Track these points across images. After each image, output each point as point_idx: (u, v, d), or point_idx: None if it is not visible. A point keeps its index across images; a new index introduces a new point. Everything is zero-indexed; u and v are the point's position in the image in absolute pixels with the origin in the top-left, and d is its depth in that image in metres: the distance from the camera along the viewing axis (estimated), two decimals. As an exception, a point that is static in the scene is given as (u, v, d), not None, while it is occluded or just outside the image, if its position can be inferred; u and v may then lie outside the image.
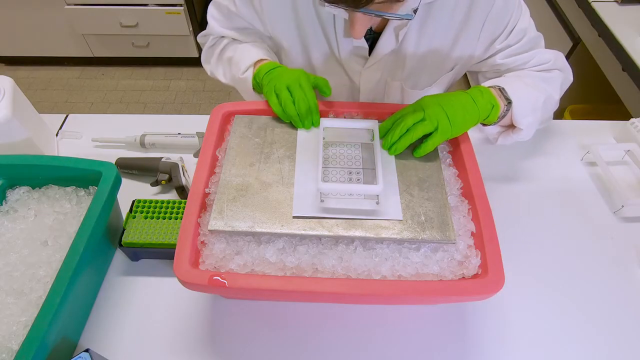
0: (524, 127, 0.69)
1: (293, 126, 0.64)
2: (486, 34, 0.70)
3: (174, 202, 0.67)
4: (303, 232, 0.52)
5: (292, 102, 0.62)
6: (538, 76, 0.73)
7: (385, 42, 0.70)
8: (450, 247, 0.53)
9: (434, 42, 0.71)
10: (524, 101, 0.67)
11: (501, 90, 0.67)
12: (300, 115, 0.63)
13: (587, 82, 1.45)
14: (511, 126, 0.71)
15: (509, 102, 0.66)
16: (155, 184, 0.74)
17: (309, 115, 0.63)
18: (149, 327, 0.61)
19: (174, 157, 0.77)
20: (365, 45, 0.71)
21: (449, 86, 0.82)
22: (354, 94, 0.83)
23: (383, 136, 0.62)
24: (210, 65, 0.83)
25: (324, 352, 0.59)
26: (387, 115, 0.68)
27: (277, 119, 0.65)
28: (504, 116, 0.67)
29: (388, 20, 0.66)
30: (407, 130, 0.59)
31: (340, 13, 0.63)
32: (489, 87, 0.67)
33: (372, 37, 0.72)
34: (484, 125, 0.71)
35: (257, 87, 0.72)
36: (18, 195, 0.65)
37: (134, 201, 0.67)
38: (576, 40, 1.32)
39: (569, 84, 0.80)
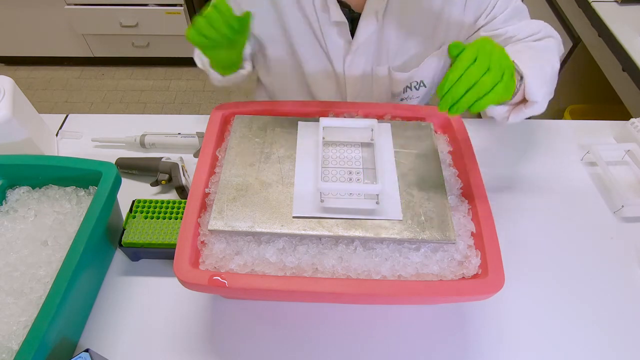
0: (540, 99, 0.63)
1: (293, 126, 0.64)
2: (471, 5, 0.70)
3: (174, 202, 0.67)
4: (303, 232, 0.52)
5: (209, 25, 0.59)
6: (537, 47, 0.71)
7: (366, 24, 0.70)
8: (450, 247, 0.53)
9: (418, 18, 0.71)
10: (536, 73, 0.62)
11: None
12: (222, 35, 0.60)
13: (587, 82, 1.45)
14: (522, 101, 0.65)
15: (521, 77, 0.61)
16: (155, 184, 0.74)
17: (231, 33, 0.60)
18: (149, 327, 0.61)
19: (174, 157, 0.77)
20: (344, 19, 0.70)
21: (441, 71, 0.82)
22: (340, 88, 0.82)
23: (443, 94, 0.49)
24: (194, 54, 0.81)
25: (324, 352, 0.59)
26: (386, 115, 0.68)
27: (277, 119, 0.65)
28: (516, 92, 0.61)
29: None
30: (474, 84, 0.49)
31: None
32: None
33: (351, 17, 0.72)
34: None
35: None
36: (18, 195, 0.65)
37: (134, 201, 0.67)
38: (576, 40, 1.32)
39: (561, 52, 0.78)
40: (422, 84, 0.84)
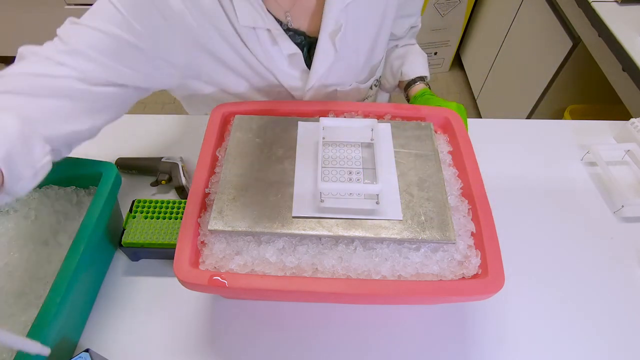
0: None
1: (293, 126, 0.64)
2: None
3: (174, 202, 0.67)
4: (303, 232, 0.52)
5: None
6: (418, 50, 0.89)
7: (323, 53, 0.69)
8: (450, 247, 0.53)
9: (369, 28, 0.72)
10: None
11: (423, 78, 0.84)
12: None
13: (587, 82, 1.45)
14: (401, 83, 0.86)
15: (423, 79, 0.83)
16: (155, 184, 0.74)
17: None
18: (149, 327, 0.61)
19: (174, 157, 0.77)
20: (298, 51, 0.68)
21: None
22: None
23: None
24: None
25: (324, 352, 0.59)
26: (386, 115, 0.68)
27: (277, 119, 0.65)
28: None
29: (320, 21, 0.66)
30: None
31: (261, 22, 0.62)
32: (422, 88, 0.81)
33: (307, 43, 0.70)
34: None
35: None
36: (18, 195, 0.65)
37: (134, 201, 0.67)
38: (576, 40, 1.32)
39: None
40: (379, 79, 0.88)
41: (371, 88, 0.85)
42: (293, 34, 0.68)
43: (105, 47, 0.55)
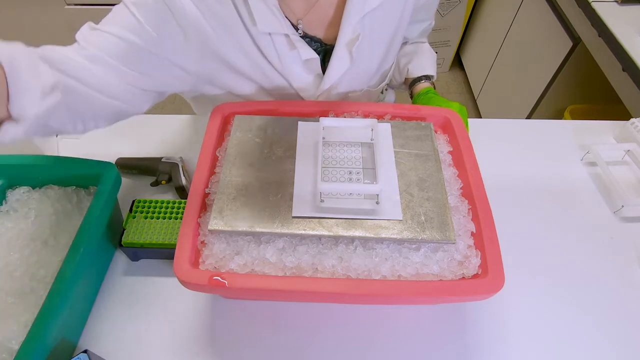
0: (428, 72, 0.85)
1: (293, 126, 0.64)
2: None
3: (174, 202, 0.67)
4: (303, 232, 0.52)
5: None
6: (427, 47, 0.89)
7: (339, 61, 0.69)
8: (450, 247, 0.53)
9: (384, 36, 0.72)
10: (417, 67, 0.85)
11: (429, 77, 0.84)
12: None
13: (587, 82, 1.45)
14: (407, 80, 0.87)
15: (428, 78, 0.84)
16: (155, 184, 0.74)
17: None
18: (149, 327, 0.61)
19: (174, 157, 0.77)
20: (315, 56, 0.67)
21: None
22: None
23: None
24: None
25: (324, 352, 0.59)
26: (386, 115, 0.68)
27: (277, 119, 0.65)
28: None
29: (339, 28, 0.66)
30: None
31: (279, 27, 0.61)
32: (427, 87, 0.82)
33: (323, 50, 0.70)
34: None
35: None
36: (18, 195, 0.65)
37: (134, 201, 0.67)
38: (576, 40, 1.32)
39: None
40: (388, 85, 0.89)
41: (382, 92, 0.85)
42: (310, 40, 0.68)
43: (122, 53, 0.56)
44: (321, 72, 0.71)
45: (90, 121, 0.58)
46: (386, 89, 0.87)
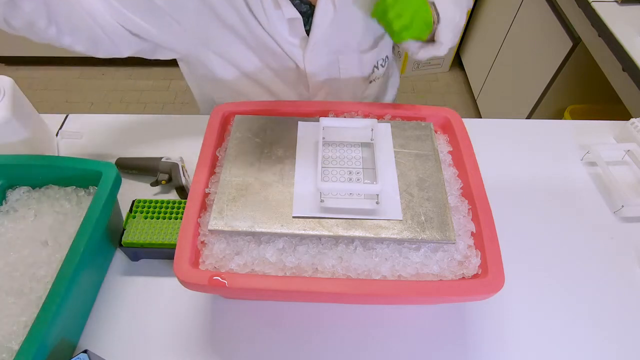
0: (445, 42, 0.66)
1: (293, 126, 0.64)
2: None
3: (174, 202, 0.67)
4: (303, 232, 0.52)
5: None
6: None
7: (322, 17, 0.69)
8: (450, 247, 0.53)
9: None
10: (449, 17, 0.65)
11: (433, 4, 0.66)
12: None
13: (587, 82, 1.45)
14: (431, 40, 0.68)
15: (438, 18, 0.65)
16: (155, 184, 0.74)
17: None
18: (149, 327, 0.61)
19: (174, 157, 0.77)
20: (298, 16, 0.68)
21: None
22: (301, 79, 0.80)
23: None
24: None
25: (324, 352, 0.59)
26: (386, 115, 0.68)
27: (277, 119, 0.65)
28: (433, 32, 0.66)
29: None
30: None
31: None
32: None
33: (308, 12, 0.70)
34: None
35: None
36: (18, 195, 0.65)
37: (134, 201, 0.67)
38: (576, 40, 1.32)
39: (470, 6, 0.78)
40: (386, 59, 0.85)
41: (377, 67, 0.84)
42: (299, 2, 0.69)
43: None
44: (306, 35, 0.72)
45: (65, 34, 0.60)
46: (382, 65, 0.85)
